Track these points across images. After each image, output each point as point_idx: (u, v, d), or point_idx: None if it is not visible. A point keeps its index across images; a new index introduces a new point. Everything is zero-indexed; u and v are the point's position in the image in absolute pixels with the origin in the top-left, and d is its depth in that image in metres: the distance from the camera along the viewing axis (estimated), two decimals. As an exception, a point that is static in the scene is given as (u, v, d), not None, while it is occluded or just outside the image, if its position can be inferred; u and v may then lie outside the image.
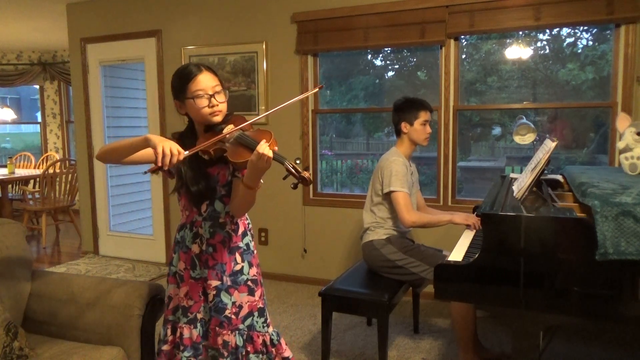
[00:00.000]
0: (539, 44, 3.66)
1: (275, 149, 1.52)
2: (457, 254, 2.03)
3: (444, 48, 3.61)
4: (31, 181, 6.64)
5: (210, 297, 1.80)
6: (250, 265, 1.85)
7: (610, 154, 3.36)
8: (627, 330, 2.96)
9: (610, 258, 1.56)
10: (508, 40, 3.65)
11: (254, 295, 1.83)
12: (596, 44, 3.59)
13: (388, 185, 2.68)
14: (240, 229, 1.85)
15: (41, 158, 7.05)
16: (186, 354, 1.80)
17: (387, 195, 2.71)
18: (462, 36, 3.61)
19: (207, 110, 1.70)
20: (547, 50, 3.69)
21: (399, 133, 2.84)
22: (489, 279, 1.76)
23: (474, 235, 2.41)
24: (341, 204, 4.00)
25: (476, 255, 1.79)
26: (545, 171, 2.57)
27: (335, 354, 2.87)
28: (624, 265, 1.58)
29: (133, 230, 5.08)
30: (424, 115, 2.77)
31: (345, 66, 4.19)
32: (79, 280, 2.21)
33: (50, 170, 5.56)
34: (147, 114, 4.76)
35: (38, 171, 6.36)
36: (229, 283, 1.80)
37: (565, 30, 3.57)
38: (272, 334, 1.86)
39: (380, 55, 4.17)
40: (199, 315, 1.82)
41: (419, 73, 4.11)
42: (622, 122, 2.28)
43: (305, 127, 4.05)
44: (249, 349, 1.80)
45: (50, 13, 5.13)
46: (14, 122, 8.54)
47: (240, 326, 1.80)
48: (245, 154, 1.57)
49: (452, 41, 3.60)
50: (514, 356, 1.80)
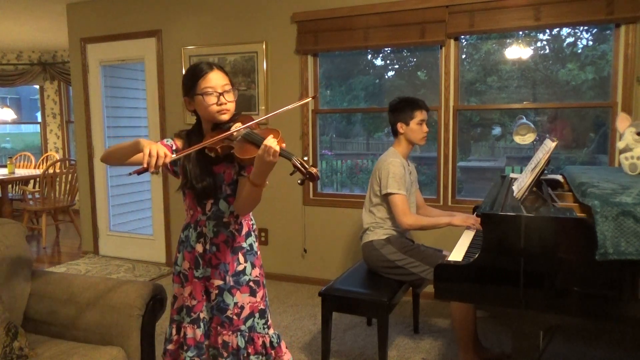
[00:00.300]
0: (539, 44, 3.66)
1: (283, 146, 1.53)
2: (457, 254, 2.03)
3: (444, 48, 3.61)
4: (31, 181, 6.64)
5: (213, 297, 1.81)
6: (253, 266, 1.86)
7: (610, 154, 3.36)
8: (627, 330, 2.96)
9: (610, 258, 1.56)
10: (508, 40, 3.65)
11: (255, 297, 1.84)
12: (596, 44, 3.59)
13: (385, 187, 2.69)
14: (244, 229, 1.85)
15: (41, 158, 7.05)
16: (190, 354, 1.81)
17: (385, 197, 2.72)
18: (462, 36, 3.61)
19: (215, 108, 1.71)
20: (547, 50, 3.69)
21: (395, 133, 2.83)
22: (489, 279, 1.76)
23: (474, 235, 2.41)
24: (341, 204, 4.00)
25: (476, 255, 1.79)
26: (545, 171, 2.57)
27: (335, 354, 2.87)
28: (624, 265, 1.58)
29: (133, 230, 5.08)
30: (419, 115, 2.76)
31: (346, 66, 4.19)
32: (79, 280, 2.21)
33: (50, 170, 5.56)
34: (147, 114, 4.76)
35: (38, 171, 6.36)
36: (231, 283, 1.80)
37: (565, 30, 3.57)
38: (273, 336, 1.85)
39: (380, 55, 4.17)
40: (202, 315, 1.83)
41: (419, 73, 4.12)
42: (622, 122, 2.28)
43: (306, 127, 4.05)
44: (249, 351, 1.80)
45: (50, 13, 5.13)
46: (14, 122, 8.54)
47: (242, 327, 1.80)
48: (253, 151, 1.58)
49: (452, 41, 3.60)
50: (514, 356, 1.80)
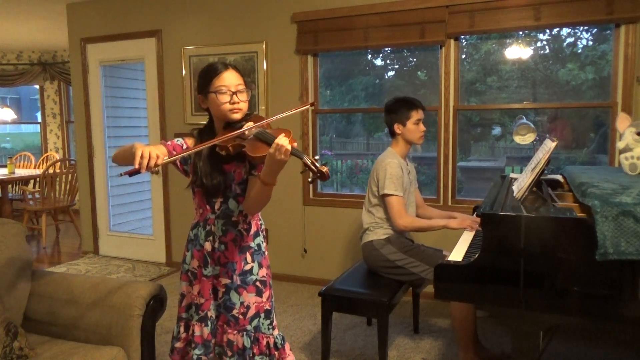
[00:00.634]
0: (539, 44, 3.66)
1: (295, 145, 1.54)
2: (457, 254, 2.02)
3: (444, 48, 3.61)
4: (31, 181, 6.64)
5: (220, 295, 1.83)
6: (260, 266, 1.87)
7: (610, 154, 3.36)
8: (627, 330, 2.96)
9: (610, 258, 1.56)
10: (508, 40, 3.65)
11: (261, 297, 1.85)
12: (596, 44, 3.59)
13: (382, 188, 2.69)
14: (253, 229, 1.87)
15: (41, 158, 7.05)
16: (197, 351, 1.82)
17: (382, 198, 2.71)
18: (462, 36, 3.61)
19: (228, 106, 1.73)
20: (547, 50, 3.69)
21: (393, 134, 2.83)
22: (489, 279, 1.76)
23: (474, 235, 2.41)
24: (341, 204, 4.00)
25: (476, 255, 1.79)
26: (545, 171, 2.57)
27: (335, 354, 2.87)
28: (624, 265, 1.58)
29: (133, 230, 5.08)
30: (415, 115, 2.76)
31: (346, 66, 4.19)
32: (79, 280, 2.21)
33: (50, 170, 5.56)
34: (147, 114, 4.76)
35: (38, 171, 6.36)
36: (238, 282, 1.82)
37: (565, 30, 3.57)
38: (277, 337, 1.86)
39: (380, 55, 4.17)
40: (210, 313, 1.84)
41: (419, 73, 4.12)
42: (622, 122, 2.28)
43: (305, 127, 4.05)
44: (254, 351, 1.82)
45: (50, 13, 5.13)
46: (14, 122, 8.54)
47: (248, 327, 1.81)
48: (264, 149, 1.59)
49: (452, 41, 3.60)
50: (514, 356, 1.80)
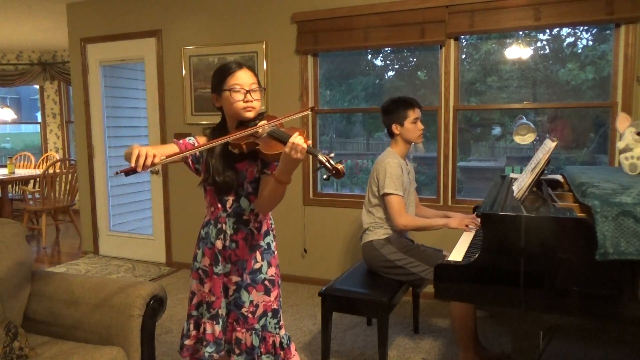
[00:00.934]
0: (539, 44, 3.66)
1: (309, 144, 1.55)
2: (457, 254, 2.03)
3: (444, 48, 3.61)
4: (31, 181, 6.64)
5: (230, 292, 1.84)
6: (269, 265, 1.88)
7: (610, 154, 3.36)
8: (627, 330, 2.96)
9: (610, 258, 1.56)
10: (508, 40, 3.65)
11: (269, 296, 1.86)
12: (596, 44, 3.59)
13: (382, 188, 2.69)
14: (263, 228, 1.88)
15: (41, 158, 7.05)
16: (209, 349, 1.84)
17: (382, 197, 2.71)
18: (462, 36, 3.61)
19: (242, 104, 1.75)
20: (547, 50, 3.69)
21: (392, 135, 2.83)
22: (489, 279, 1.76)
23: (474, 235, 2.41)
24: (341, 204, 4.00)
25: (476, 255, 1.79)
26: (545, 171, 2.57)
27: (335, 354, 2.87)
28: (624, 265, 1.58)
29: (133, 230, 5.08)
30: (412, 114, 2.75)
31: (345, 66, 4.18)
32: (79, 280, 2.21)
33: (50, 170, 5.56)
34: (147, 114, 4.76)
35: (38, 171, 6.36)
36: (248, 281, 1.83)
37: (565, 30, 3.57)
38: (283, 337, 1.87)
39: (380, 55, 4.17)
40: (221, 311, 1.85)
41: (419, 73, 4.11)
42: (622, 122, 2.28)
43: (305, 127, 4.04)
44: (261, 350, 1.83)
45: (50, 13, 5.13)
46: (14, 122, 8.54)
47: (256, 326, 1.83)
48: (278, 147, 1.60)
49: (452, 41, 3.60)
50: (514, 356, 1.80)
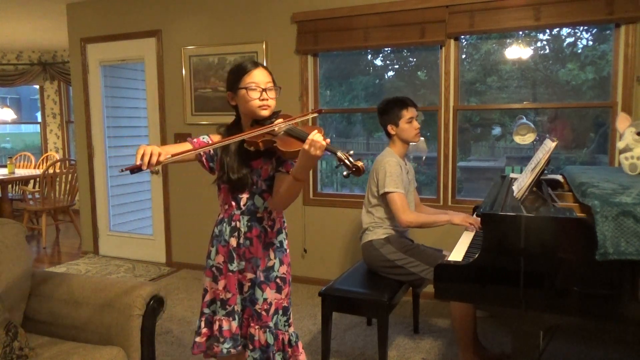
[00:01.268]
0: (539, 44, 3.66)
1: (328, 141, 1.56)
2: (457, 254, 2.03)
3: (444, 48, 3.61)
4: (31, 181, 6.64)
5: (246, 289, 1.86)
6: (282, 263, 1.90)
7: (610, 154, 3.35)
8: (627, 330, 2.96)
9: (610, 258, 1.56)
10: (508, 40, 3.65)
11: (280, 293, 1.88)
12: (596, 44, 3.59)
13: (383, 187, 2.69)
14: (276, 226, 1.90)
15: (41, 158, 7.05)
16: (226, 345, 1.85)
17: (383, 197, 2.71)
18: (462, 36, 3.61)
19: (258, 102, 1.77)
20: (547, 50, 3.69)
21: (389, 135, 2.84)
22: (489, 279, 1.76)
23: (474, 235, 2.41)
24: (341, 204, 4.00)
25: (476, 255, 1.79)
26: (545, 171, 2.57)
27: (335, 354, 2.87)
28: (624, 265, 1.58)
29: (133, 230, 5.08)
30: (407, 113, 2.75)
31: (346, 66, 4.19)
32: (79, 280, 2.21)
33: (50, 170, 5.56)
34: (147, 114, 4.76)
35: (38, 171, 6.36)
36: (261, 278, 1.85)
37: (565, 30, 3.57)
38: (292, 335, 1.89)
39: (380, 55, 4.17)
40: (236, 307, 1.87)
41: (419, 73, 4.12)
42: (622, 122, 2.28)
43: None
44: (275, 347, 1.85)
45: (50, 13, 5.13)
46: (14, 122, 8.54)
47: (270, 324, 1.85)
48: (296, 145, 1.62)
49: (452, 41, 3.60)
50: (514, 356, 1.80)
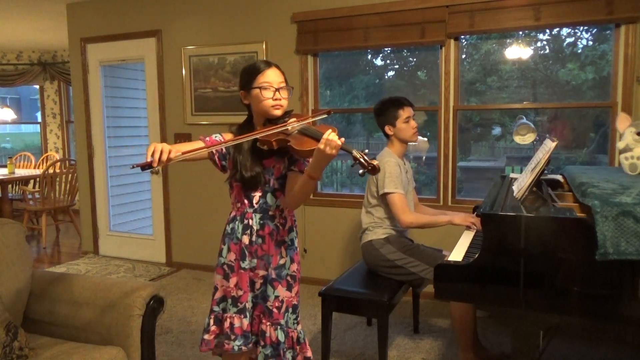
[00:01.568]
0: (539, 44, 3.66)
1: (343, 140, 1.59)
2: (457, 254, 2.03)
3: (444, 48, 3.61)
4: (31, 181, 6.64)
5: (257, 286, 1.88)
6: (292, 261, 1.92)
7: (610, 154, 3.35)
8: (627, 330, 2.96)
9: (610, 258, 1.56)
10: (508, 40, 3.65)
11: (290, 291, 1.90)
12: (596, 44, 3.59)
13: (382, 187, 2.68)
14: (288, 224, 1.92)
15: (41, 158, 7.05)
16: (237, 342, 1.86)
17: (383, 197, 2.71)
18: (462, 36, 3.61)
19: (271, 102, 1.81)
20: (547, 50, 3.69)
21: (387, 136, 2.84)
22: (489, 279, 1.76)
23: (474, 235, 2.41)
24: (341, 204, 4.00)
25: (476, 255, 1.79)
26: (545, 171, 2.57)
27: (335, 354, 2.87)
28: (624, 265, 1.58)
29: (133, 230, 5.08)
30: (403, 113, 2.75)
31: (346, 66, 4.19)
32: (79, 280, 2.21)
33: (50, 170, 5.56)
34: (147, 114, 4.76)
35: (38, 171, 6.36)
36: (273, 276, 1.87)
37: (565, 30, 3.57)
38: (300, 332, 1.92)
39: (380, 55, 4.17)
40: (247, 305, 1.88)
41: (419, 73, 4.12)
42: (622, 122, 2.28)
43: (305, 127, 4.04)
44: (286, 345, 1.87)
45: (50, 13, 5.13)
46: (14, 122, 8.54)
47: (281, 321, 1.87)
48: (311, 144, 1.65)
49: (452, 41, 3.60)
50: (514, 356, 1.80)
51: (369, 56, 4.16)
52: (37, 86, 7.59)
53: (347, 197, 4.06)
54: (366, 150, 1.59)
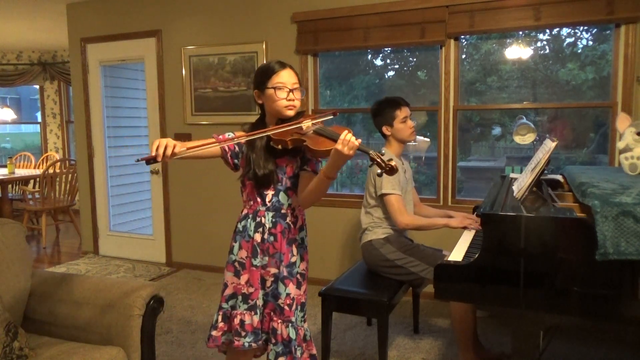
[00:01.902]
0: (539, 44, 3.66)
1: (359, 141, 1.60)
2: (457, 254, 2.02)
3: (444, 48, 3.61)
4: (31, 181, 6.64)
5: (268, 284, 1.90)
6: (302, 259, 1.94)
7: (610, 154, 3.35)
8: (627, 330, 2.96)
9: (610, 258, 1.56)
10: (508, 40, 3.65)
11: (300, 289, 1.92)
12: (596, 44, 3.59)
13: (380, 188, 2.68)
14: (299, 222, 1.94)
15: (41, 158, 7.05)
16: (247, 339, 1.87)
17: (381, 198, 2.71)
18: (462, 36, 3.61)
19: (285, 102, 1.83)
20: (547, 50, 3.69)
21: (384, 136, 2.83)
22: (489, 279, 1.76)
23: (474, 235, 2.41)
24: (341, 204, 4.00)
25: (476, 255, 1.79)
26: (545, 171, 2.57)
27: (335, 354, 2.87)
28: (624, 265, 1.58)
29: (133, 230, 5.08)
30: (400, 113, 2.75)
31: (346, 66, 4.19)
32: (79, 280, 2.21)
33: (50, 170, 5.56)
34: (147, 114, 4.76)
35: (38, 171, 6.36)
36: (284, 273, 1.88)
37: (565, 30, 3.57)
38: (307, 330, 1.94)
39: (380, 55, 4.17)
40: (258, 302, 1.89)
41: (419, 73, 4.11)
42: (622, 122, 2.28)
43: (305, 127, 4.04)
44: (296, 342, 1.89)
45: (50, 13, 5.13)
46: (14, 122, 8.54)
47: (292, 318, 1.88)
48: (327, 144, 1.67)
49: (452, 41, 3.60)
50: (514, 356, 1.80)
51: (369, 56, 4.16)
52: (37, 86, 7.59)
53: (347, 197, 4.06)
54: (383, 150, 1.61)
